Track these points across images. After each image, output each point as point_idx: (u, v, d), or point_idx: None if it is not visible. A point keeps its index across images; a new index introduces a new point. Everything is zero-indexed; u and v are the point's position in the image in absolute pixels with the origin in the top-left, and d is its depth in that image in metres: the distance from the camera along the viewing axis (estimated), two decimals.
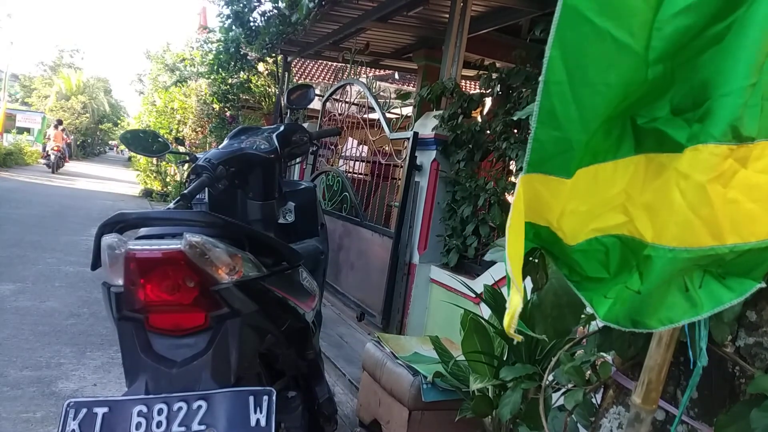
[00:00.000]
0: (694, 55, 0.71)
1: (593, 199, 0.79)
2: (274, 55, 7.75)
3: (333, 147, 5.68)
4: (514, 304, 0.75)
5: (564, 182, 0.76)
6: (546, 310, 1.08)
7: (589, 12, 0.67)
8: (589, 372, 1.14)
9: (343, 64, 5.93)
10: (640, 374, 0.90)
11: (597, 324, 1.17)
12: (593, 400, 1.16)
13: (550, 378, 1.22)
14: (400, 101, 4.52)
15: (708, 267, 0.76)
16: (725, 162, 0.68)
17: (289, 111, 2.25)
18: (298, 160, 2.20)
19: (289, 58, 7.96)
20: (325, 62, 9.68)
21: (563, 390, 1.20)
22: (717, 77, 0.69)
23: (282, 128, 1.95)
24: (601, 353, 1.11)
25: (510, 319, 0.75)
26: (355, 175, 5.49)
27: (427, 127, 3.81)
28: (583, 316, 1.27)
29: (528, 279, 0.96)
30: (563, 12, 0.68)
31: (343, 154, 5.70)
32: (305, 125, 3.17)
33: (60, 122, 18.17)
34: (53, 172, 15.74)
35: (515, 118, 3.09)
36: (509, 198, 3.28)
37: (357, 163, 5.73)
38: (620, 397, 1.07)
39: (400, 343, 2.55)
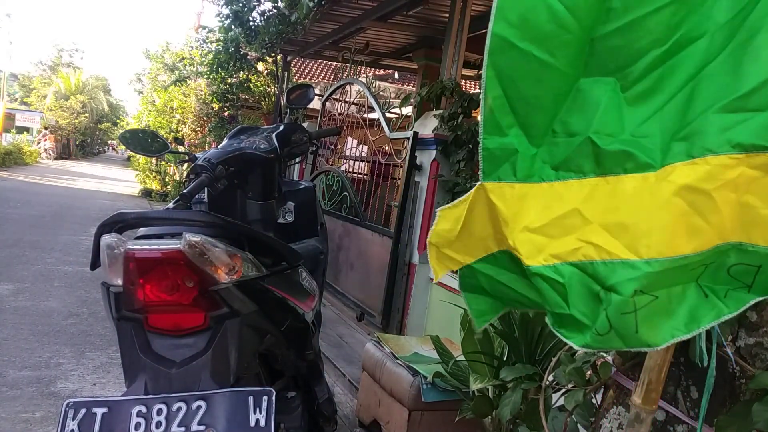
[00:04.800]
0: (640, 76, 0.77)
1: (545, 217, 0.84)
2: (273, 54, 7.75)
3: (333, 147, 5.67)
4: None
5: (513, 187, 0.85)
6: None
7: (513, 38, 0.79)
8: (589, 372, 1.14)
9: (343, 64, 5.91)
10: (640, 374, 0.90)
11: None
12: (593, 401, 1.16)
13: (551, 378, 1.22)
14: (400, 102, 4.52)
15: (703, 280, 0.77)
16: (734, 170, 0.70)
17: (288, 110, 2.24)
18: (297, 159, 2.20)
19: (288, 58, 7.96)
20: (324, 62, 9.69)
21: (563, 390, 1.20)
22: (700, 97, 0.74)
23: (281, 128, 1.95)
24: (601, 353, 1.11)
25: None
26: (355, 175, 5.48)
27: (427, 126, 3.80)
28: None
29: None
30: (492, 39, 0.80)
31: (342, 153, 5.69)
32: (305, 125, 3.17)
33: (52, 130, 27.85)
34: (55, 159, 24.27)
35: None
36: None
37: (357, 162, 5.72)
38: (620, 398, 1.07)
39: (399, 343, 2.55)
